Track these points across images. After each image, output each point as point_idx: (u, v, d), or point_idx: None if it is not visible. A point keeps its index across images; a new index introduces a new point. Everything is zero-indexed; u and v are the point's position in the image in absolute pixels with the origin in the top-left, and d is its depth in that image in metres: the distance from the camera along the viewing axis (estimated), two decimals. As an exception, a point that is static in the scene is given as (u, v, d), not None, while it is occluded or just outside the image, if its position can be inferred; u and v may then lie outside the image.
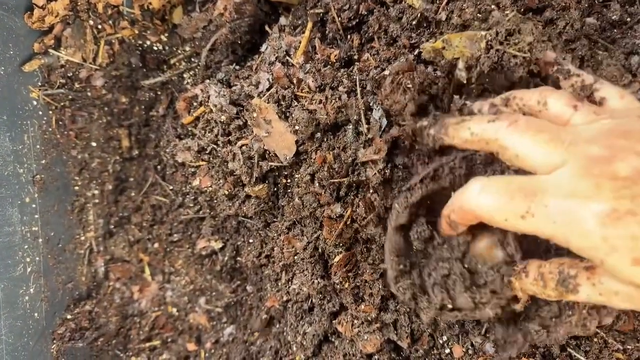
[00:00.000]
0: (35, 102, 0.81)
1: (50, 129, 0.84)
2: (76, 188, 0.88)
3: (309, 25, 0.71)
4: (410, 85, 0.61)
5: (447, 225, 0.54)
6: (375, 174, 0.64)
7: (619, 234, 0.36)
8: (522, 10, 0.63)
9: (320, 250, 0.72)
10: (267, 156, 0.72)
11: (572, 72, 0.52)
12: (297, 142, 0.69)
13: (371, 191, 0.66)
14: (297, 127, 0.67)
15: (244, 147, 0.72)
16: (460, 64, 0.59)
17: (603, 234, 0.37)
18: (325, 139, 0.69)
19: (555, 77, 0.54)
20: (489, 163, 0.56)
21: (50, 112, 0.84)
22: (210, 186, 0.77)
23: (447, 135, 0.52)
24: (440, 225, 0.57)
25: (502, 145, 0.45)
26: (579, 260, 0.44)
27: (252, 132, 0.71)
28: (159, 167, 0.90)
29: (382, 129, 0.64)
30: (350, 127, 0.67)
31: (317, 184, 0.69)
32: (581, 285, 0.43)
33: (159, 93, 0.89)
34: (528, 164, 0.44)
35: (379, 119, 0.64)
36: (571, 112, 0.46)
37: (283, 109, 0.69)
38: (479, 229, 0.54)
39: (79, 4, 0.81)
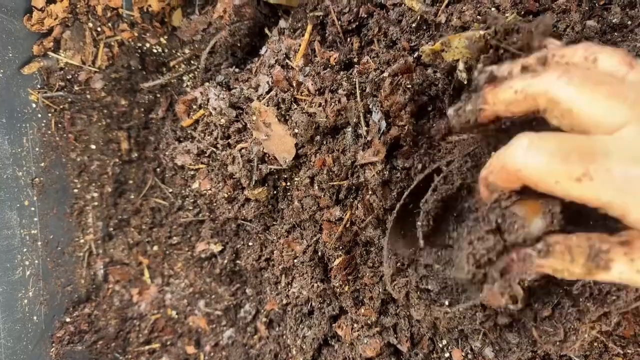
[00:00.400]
0: (34, 105, 0.81)
1: (49, 132, 0.84)
2: (75, 191, 0.88)
3: (309, 28, 0.71)
4: (409, 86, 0.61)
5: (485, 189, 0.47)
6: (374, 175, 0.64)
7: None
8: (522, 13, 0.63)
9: (320, 253, 0.72)
10: (266, 159, 0.72)
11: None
12: (296, 145, 0.69)
13: (370, 193, 0.65)
14: (296, 130, 0.67)
15: (243, 150, 0.72)
16: (461, 65, 0.58)
17: None
18: (324, 142, 0.68)
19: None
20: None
21: (50, 114, 0.84)
22: (210, 189, 0.77)
23: (486, 103, 0.47)
24: (478, 192, 0.50)
25: (552, 99, 0.40)
26: (610, 234, 0.40)
27: (252, 135, 0.71)
28: (158, 169, 0.90)
29: (381, 131, 0.64)
30: (350, 129, 0.67)
31: (316, 187, 0.68)
32: (614, 261, 0.39)
33: (159, 96, 0.89)
34: (584, 122, 0.39)
35: (378, 121, 0.64)
36: (626, 71, 0.41)
37: (282, 112, 0.69)
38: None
39: (78, 6, 0.81)
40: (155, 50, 0.87)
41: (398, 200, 0.63)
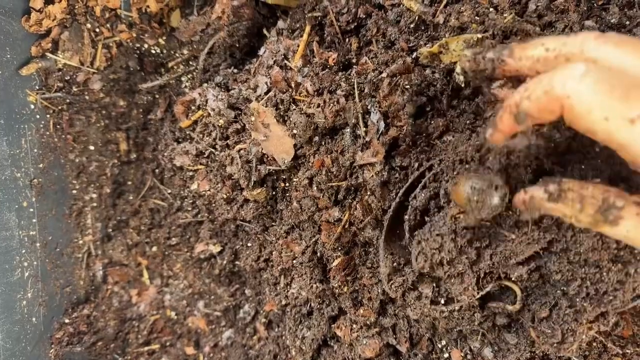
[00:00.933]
0: (32, 106, 0.81)
1: (47, 133, 0.84)
2: (74, 192, 0.88)
3: (307, 28, 0.71)
4: (407, 86, 0.61)
5: (509, 117, 0.42)
6: (372, 176, 0.64)
7: None
8: (521, 13, 0.63)
9: (318, 254, 0.72)
10: (265, 160, 0.72)
11: None
12: (295, 146, 0.69)
13: (369, 194, 0.65)
14: (295, 131, 0.67)
15: (242, 151, 0.72)
16: (458, 68, 0.58)
17: None
18: (323, 143, 0.68)
19: None
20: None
21: (48, 115, 0.84)
22: (209, 190, 0.77)
23: (512, 57, 0.44)
24: (492, 123, 0.46)
25: (591, 58, 0.38)
26: (630, 194, 0.39)
27: (250, 136, 0.71)
28: (157, 170, 0.90)
29: (380, 131, 0.64)
30: (348, 130, 0.67)
31: (315, 188, 0.68)
32: (624, 219, 0.38)
33: (157, 96, 0.89)
34: (631, 76, 0.36)
35: (377, 121, 0.64)
36: None
37: (281, 113, 0.69)
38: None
39: (77, 7, 0.81)
40: (153, 51, 0.87)
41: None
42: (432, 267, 0.56)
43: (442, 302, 0.59)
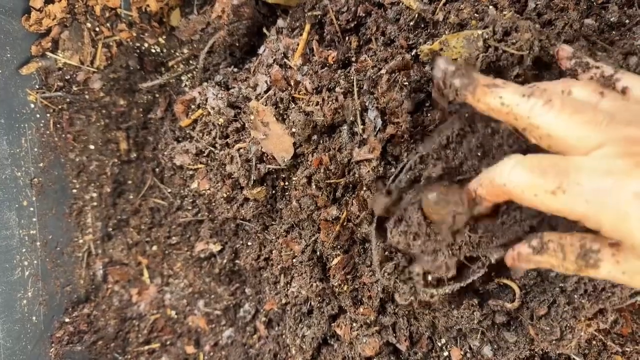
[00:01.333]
0: (32, 105, 0.81)
1: (48, 132, 0.84)
2: (74, 191, 0.88)
3: (307, 27, 0.71)
4: (406, 83, 0.61)
5: (471, 200, 0.51)
6: (368, 171, 0.64)
7: None
8: (521, 11, 0.63)
9: (318, 253, 0.72)
10: (265, 159, 0.72)
11: (591, 64, 0.51)
12: (294, 144, 0.69)
13: (364, 189, 0.65)
14: (294, 130, 0.67)
15: (241, 150, 0.72)
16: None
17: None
18: (321, 141, 0.68)
19: (573, 70, 0.53)
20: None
21: (48, 115, 0.84)
22: (209, 189, 0.77)
23: (473, 94, 0.49)
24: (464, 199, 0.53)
25: (533, 124, 0.44)
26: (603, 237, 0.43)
27: (250, 134, 0.71)
28: (157, 169, 0.90)
29: (377, 129, 0.64)
30: (346, 127, 0.67)
31: (314, 187, 0.68)
32: (603, 261, 0.42)
33: (157, 96, 0.89)
34: (561, 144, 0.43)
35: (374, 119, 0.64)
36: (598, 99, 0.45)
37: (281, 111, 0.69)
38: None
39: (77, 6, 0.81)
40: (153, 50, 0.87)
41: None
42: (407, 243, 0.57)
43: (433, 283, 0.60)
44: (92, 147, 0.88)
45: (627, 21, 0.63)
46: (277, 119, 0.69)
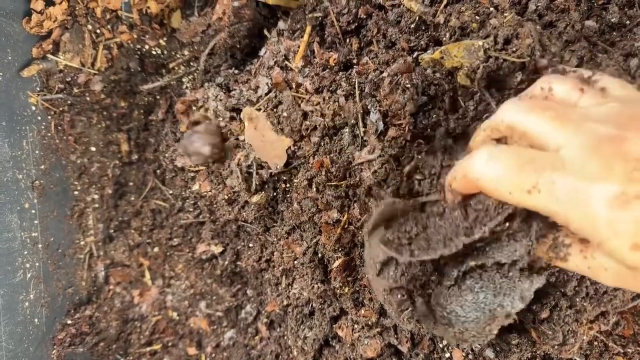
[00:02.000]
0: (33, 108, 0.81)
1: (49, 134, 0.84)
2: (75, 193, 0.88)
3: (308, 29, 0.71)
4: (408, 85, 0.61)
5: (449, 193, 0.51)
6: (369, 175, 0.64)
7: (624, 218, 0.36)
8: (521, 13, 0.63)
9: (319, 255, 0.72)
10: (264, 165, 0.72)
11: (568, 70, 0.51)
12: (289, 149, 0.69)
13: (365, 192, 0.65)
14: (294, 132, 0.67)
15: (241, 159, 0.72)
16: (461, 73, 0.59)
17: (608, 217, 0.36)
18: (322, 143, 0.69)
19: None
20: None
21: (49, 117, 0.84)
22: (210, 191, 0.77)
23: (468, 154, 0.49)
24: (443, 195, 0.53)
25: (509, 126, 0.44)
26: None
27: (245, 140, 0.71)
28: (158, 171, 0.90)
29: (379, 131, 0.64)
30: (347, 130, 0.67)
31: (314, 189, 0.69)
32: (571, 255, 0.43)
33: (158, 97, 0.89)
34: (536, 141, 0.43)
35: (376, 121, 0.64)
36: (578, 96, 0.45)
37: (279, 114, 0.69)
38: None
39: (77, 8, 0.81)
40: (154, 52, 0.87)
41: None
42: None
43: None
44: (93, 149, 0.88)
45: (627, 22, 0.63)
46: (271, 124, 0.69)
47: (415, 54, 0.65)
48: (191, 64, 0.87)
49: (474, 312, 0.52)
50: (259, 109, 0.70)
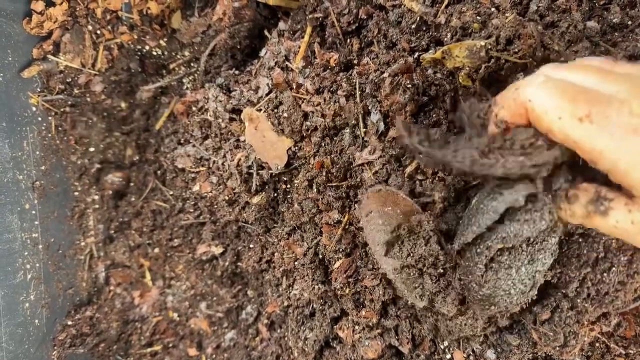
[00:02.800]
0: (34, 108, 0.81)
1: (49, 135, 0.84)
2: (76, 194, 0.88)
3: (308, 29, 0.71)
4: (409, 86, 0.61)
5: (494, 126, 0.48)
6: (370, 176, 0.64)
7: None
8: (523, 13, 0.63)
9: (320, 255, 0.72)
10: (264, 165, 0.72)
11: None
12: (289, 150, 0.69)
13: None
14: (294, 132, 0.67)
15: (241, 160, 0.72)
16: (462, 74, 0.59)
17: None
18: (323, 144, 0.68)
19: None
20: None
21: (50, 118, 0.84)
22: (211, 191, 0.77)
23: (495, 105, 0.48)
24: (487, 123, 0.50)
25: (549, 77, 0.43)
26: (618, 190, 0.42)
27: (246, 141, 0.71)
28: (159, 172, 0.90)
29: (380, 132, 0.64)
30: (348, 130, 0.67)
31: (315, 190, 0.68)
32: (614, 209, 0.41)
33: (159, 98, 0.89)
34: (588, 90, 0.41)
35: (377, 122, 0.64)
36: (611, 66, 0.44)
37: (280, 114, 0.69)
38: None
39: (78, 9, 0.81)
40: (154, 53, 0.87)
41: None
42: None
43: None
44: (93, 149, 0.88)
45: (629, 22, 0.63)
46: (272, 124, 0.69)
47: (416, 54, 0.65)
48: (191, 64, 0.86)
49: (520, 285, 0.52)
50: (260, 110, 0.70)
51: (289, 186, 0.74)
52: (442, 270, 0.59)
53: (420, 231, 0.59)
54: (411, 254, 0.59)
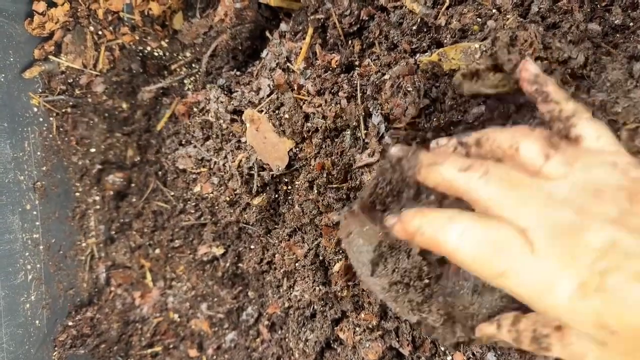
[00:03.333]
0: (35, 109, 0.81)
1: (50, 136, 0.84)
2: (77, 194, 0.88)
3: (310, 31, 0.71)
4: (410, 89, 0.61)
5: (404, 234, 0.48)
6: (369, 179, 0.64)
7: (585, 309, 0.37)
8: (524, 15, 0.63)
9: (321, 257, 0.72)
10: (265, 166, 0.72)
11: (551, 98, 0.48)
12: (290, 151, 0.69)
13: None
14: (295, 134, 0.67)
15: (242, 161, 0.72)
16: (457, 75, 0.58)
17: (570, 307, 0.37)
18: (324, 145, 0.68)
19: (532, 96, 0.49)
20: None
21: (51, 118, 0.84)
22: (212, 192, 0.77)
23: (419, 174, 0.49)
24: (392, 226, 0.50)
25: (472, 199, 0.44)
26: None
27: (247, 142, 0.71)
28: (160, 173, 0.90)
29: (380, 134, 0.64)
30: (349, 132, 0.67)
31: (316, 191, 0.68)
32: (553, 344, 0.43)
33: (160, 99, 0.89)
34: (499, 217, 0.42)
35: (378, 124, 0.64)
36: (543, 161, 0.43)
37: (281, 116, 0.69)
38: None
39: (79, 10, 0.81)
40: (156, 54, 0.87)
41: None
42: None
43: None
44: (94, 150, 0.88)
45: (631, 24, 0.63)
46: (273, 126, 0.69)
47: (417, 56, 0.65)
48: (193, 65, 0.86)
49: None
50: (261, 111, 0.70)
51: (289, 187, 0.74)
52: (427, 281, 0.58)
53: (400, 245, 0.59)
54: (396, 269, 0.58)
